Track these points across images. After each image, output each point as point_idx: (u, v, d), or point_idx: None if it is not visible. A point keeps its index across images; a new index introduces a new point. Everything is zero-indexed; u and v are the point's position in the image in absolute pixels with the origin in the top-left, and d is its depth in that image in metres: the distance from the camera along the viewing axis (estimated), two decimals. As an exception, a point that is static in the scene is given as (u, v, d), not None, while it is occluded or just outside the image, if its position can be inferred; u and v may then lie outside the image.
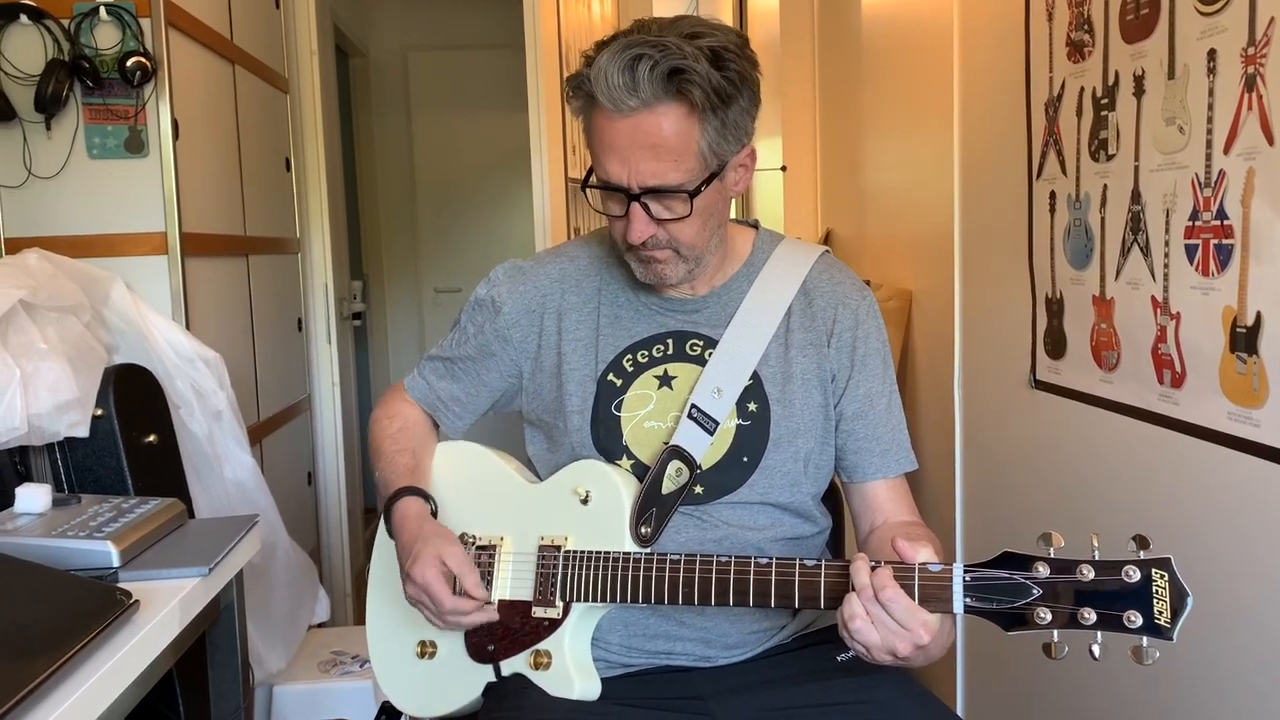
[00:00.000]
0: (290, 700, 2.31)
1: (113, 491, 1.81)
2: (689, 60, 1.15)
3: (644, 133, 1.18)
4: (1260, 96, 1.22)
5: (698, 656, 1.31)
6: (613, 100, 1.17)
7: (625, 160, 1.19)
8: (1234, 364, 1.30)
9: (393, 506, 1.33)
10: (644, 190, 1.20)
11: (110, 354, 2.01)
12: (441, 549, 1.24)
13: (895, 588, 1.06)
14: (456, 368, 1.45)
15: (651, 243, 1.25)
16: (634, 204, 1.21)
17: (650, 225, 1.23)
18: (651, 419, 1.32)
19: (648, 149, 1.18)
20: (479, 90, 5.14)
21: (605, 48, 1.18)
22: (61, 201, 2.16)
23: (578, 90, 1.21)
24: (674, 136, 1.18)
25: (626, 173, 1.20)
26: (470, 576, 1.24)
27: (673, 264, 1.28)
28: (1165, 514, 1.48)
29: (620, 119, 1.18)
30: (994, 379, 2.07)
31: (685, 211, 1.22)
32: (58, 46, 2.10)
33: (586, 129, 1.24)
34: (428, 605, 1.26)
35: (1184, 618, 0.99)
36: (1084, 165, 1.65)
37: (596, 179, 1.24)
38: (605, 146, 1.20)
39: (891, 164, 2.72)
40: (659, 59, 1.15)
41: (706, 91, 1.16)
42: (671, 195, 1.21)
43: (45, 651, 1.03)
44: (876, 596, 1.07)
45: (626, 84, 1.15)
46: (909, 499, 1.38)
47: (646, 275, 1.30)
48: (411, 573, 1.24)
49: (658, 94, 1.16)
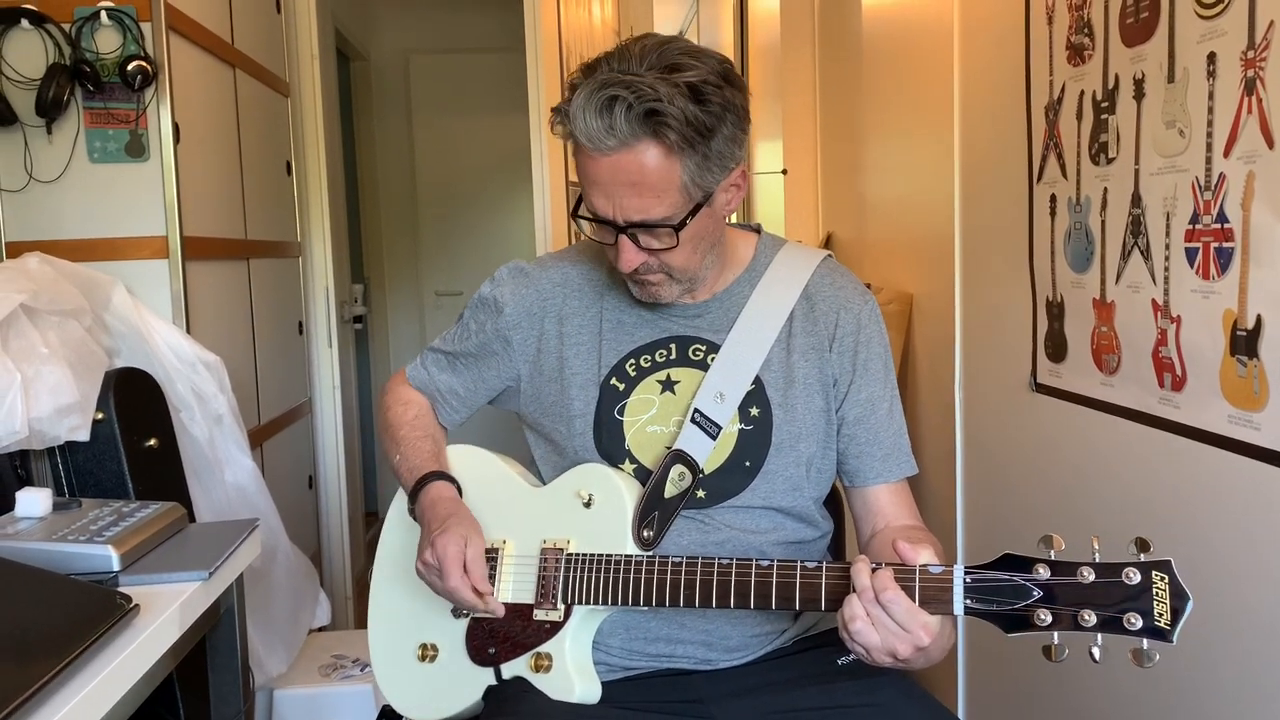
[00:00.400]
0: (291, 704, 2.31)
1: (113, 495, 1.81)
2: (663, 102, 1.14)
3: (624, 170, 1.18)
4: (1260, 100, 1.22)
5: (699, 659, 1.31)
6: (591, 140, 1.17)
7: (609, 196, 1.20)
8: (1234, 367, 1.30)
9: (424, 487, 1.34)
10: (629, 224, 1.21)
11: (111, 358, 2.01)
12: (469, 534, 1.27)
13: (896, 589, 1.06)
14: (458, 362, 1.46)
15: (644, 269, 1.26)
16: (622, 236, 1.23)
17: (640, 254, 1.24)
18: (654, 423, 1.32)
19: (629, 186, 1.19)
20: (480, 93, 5.14)
21: (585, 81, 1.18)
22: (62, 205, 2.16)
23: (562, 122, 1.21)
24: (654, 174, 1.18)
25: (611, 207, 1.21)
26: (478, 569, 1.25)
27: (667, 285, 1.29)
28: (1166, 517, 1.48)
29: (601, 157, 1.18)
30: (994, 382, 2.06)
31: (672, 243, 1.23)
32: (59, 50, 2.11)
33: (574, 157, 1.25)
34: (435, 576, 1.27)
35: (1184, 620, 0.99)
36: (1084, 168, 1.65)
37: (585, 209, 1.25)
38: (589, 181, 1.21)
39: (892, 167, 2.72)
40: (633, 101, 1.14)
41: (683, 131, 1.15)
42: (657, 228, 1.22)
43: (45, 656, 1.03)
44: (877, 598, 1.07)
45: (604, 126, 1.15)
46: (911, 503, 1.38)
47: (643, 295, 1.32)
48: (435, 541, 1.25)
49: (635, 133, 1.15)
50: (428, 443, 1.42)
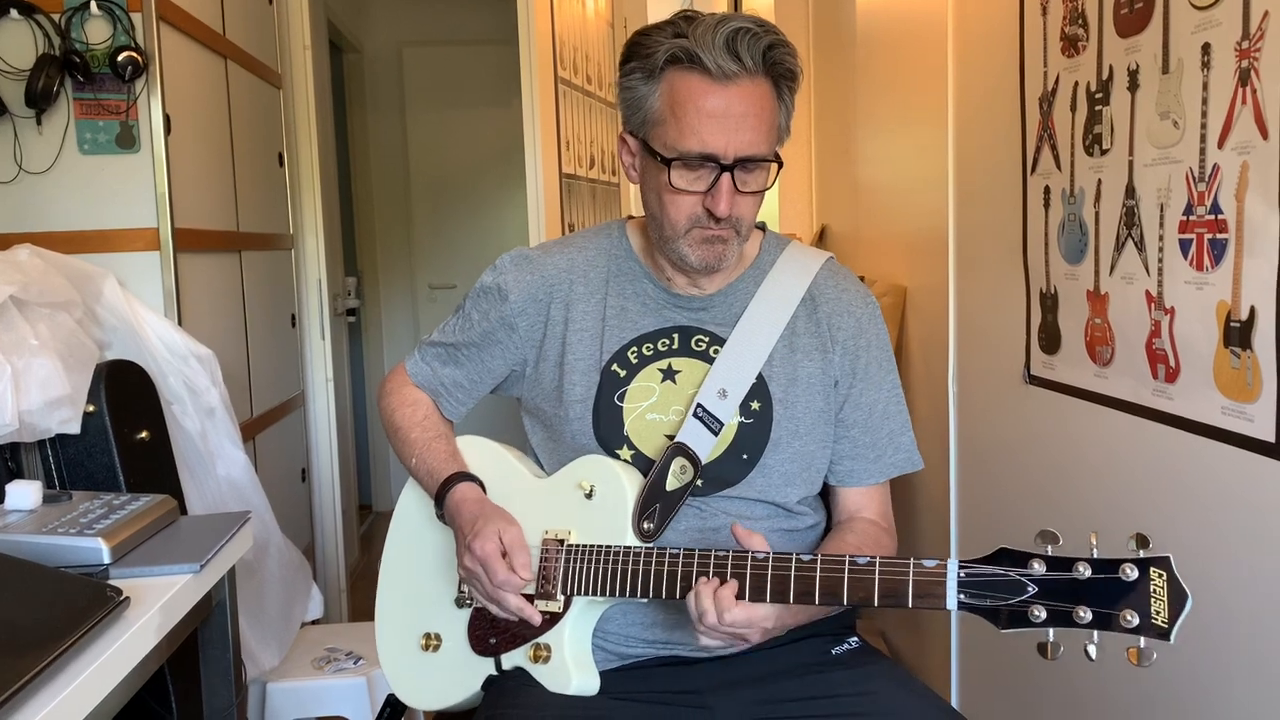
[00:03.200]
0: (284, 697, 2.31)
1: (105, 488, 1.81)
2: (781, 38, 1.22)
3: (745, 101, 1.21)
4: (1254, 90, 1.22)
5: (696, 648, 1.31)
6: (719, 66, 1.19)
7: (725, 129, 1.21)
8: (1228, 359, 1.30)
9: (450, 490, 1.35)
10: (739, 160, 1.22)
11: (102, 350, 2.00)
12: (502, 527, 1.28)
13: (735, 610, 1.14)
14: (460, 353, 1.45)
15: (725, 220, 1.25)
16: (724, 175, 1.22)
17: (734, 198, 1.24)
18: (653, 411, 1.33)
19: (749, 118, 1.21)
20: (474, 85, 5.13)
21: (691, 23, 1.22)
22: (53, 197, 2.15)
23: (657, 57, 1.22)
24: (768, 108, 1.23)
25: (725, 142, 1.21)
26: (521, 555, 1.26)
27: (732, 244, 1.29)
28: (1159, 508, 1.48)
29: (720, 86, 1.20)
30: (988, 374, 2.06)
31: (765, 184, 1.26)
32: (48, 41, 2.09)
33: (662, 103, 1.23)
34: (481, 578, 1.27)
35: (1183, 619, 0.98)
36: (1078, 160, 1.65)
37: (683, 150, 1.22)
38: (704, 115, 1.21)
39: (886, 160, 2.72)
40: (759, 33, 1.20)
41: (792, 72, 1.23)
42: (756, 168, 1.24)
43: (35, 649, 1.02)
44: (720, 620, 1.14)
45: (731, 53, 1.19)
46: (884, 499, 1.40)
47: (705, 257, 1.28)
48: (473, 545, 1.26)
49: (758, 65, 1.21)
50: (442, 443, 1.42)
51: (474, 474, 1.38)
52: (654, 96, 1.24)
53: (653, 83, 1.24)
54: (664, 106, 1.23)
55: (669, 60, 1.22)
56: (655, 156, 1.25)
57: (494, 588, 1.25)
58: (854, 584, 1.11)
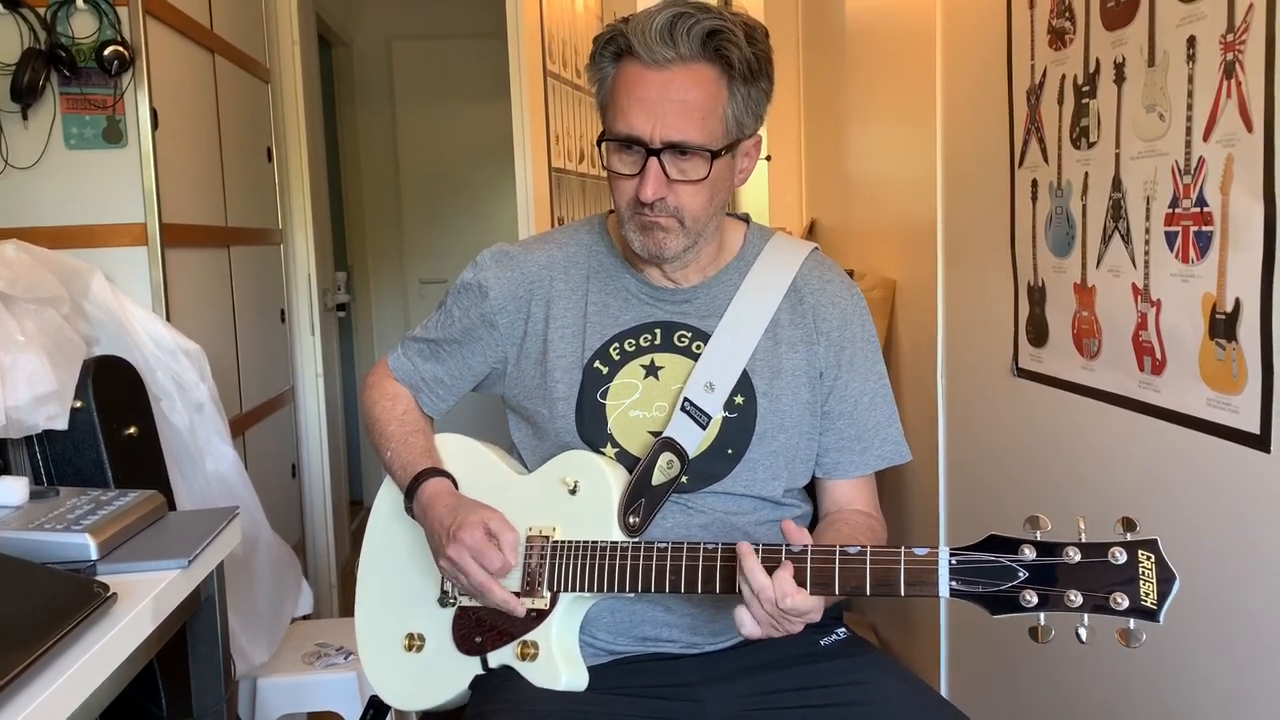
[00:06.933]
0: (274, 693, 2.30)
1: (93, 484, 1.80)
2: (728, 24, 1.20)
3: (676, 87, 1.20)
4: (1239, 83, 1.22)
5: (686, 643, 1.31)
6: (649, 51, 1.19)
7: (652, 113, 1.20)
8: (1213, 350, 1.30)
9: (420, 485, 1.33)
10: (665, 145, 1.21)
11: (90, 346, 1.99)
12: (484, 515, 1.26)
13: (796, 595, 1.10)
14: (441, 350, 1.45)
15: (659, 206, 1.24)
16: (651, 159, 1.22)
17: (663, 185, 1.23)
18: (637, 408, 1.32)
19: (677, 103, 1.20)
20: (463, 80, 5.11)
21: (639, 14, 1.22)
22: (39, 192, 2.14)
23: (607, 47, 1.24)
24: (704, 97, 1.21)
25: (651, 126, 1.21)
26: (509, 536, 1.25)
27: (675, 234, 1.26)
28: (1146, 499, 1.49)
29: (653, 72, 1.20)
30: (977, 367, 2.07)
31: (701, 174, 1.23)
32: (34, 35, 2.07)
33: (609, 90, 1.26)
34: (467, 570, 1.24)
35: (1171, 599, 0.99)
36: (1065, 153, 1.65)
37: (614, 132, 1.24)
38: (633, 99, 1.21)
39: (875, 153, 2.72)
40: (700, 18, 1.19)
41: (740, 59, 1.20)
42: (691, 155, 1.22)
43: (21, 645, 1.02)
44: (779, 604, 1.10)
45: (665, 39, 1.18)
46: (871, 490, 1.40)
47: (646, 244, 1.28)
48: (460, 536, 1.24)
49: (694, 52, 1.20)
50: (418, 438, 1.41)
51: (448, 470, 1.36)
52: (605, 86, 1.27)
53: (605, 73, 1.26)
54: (608, 93, 1.26)
55: (615, 51, 1.24)
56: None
57: (487, 577, 1.24)
58: (845, 573, 1.11)
